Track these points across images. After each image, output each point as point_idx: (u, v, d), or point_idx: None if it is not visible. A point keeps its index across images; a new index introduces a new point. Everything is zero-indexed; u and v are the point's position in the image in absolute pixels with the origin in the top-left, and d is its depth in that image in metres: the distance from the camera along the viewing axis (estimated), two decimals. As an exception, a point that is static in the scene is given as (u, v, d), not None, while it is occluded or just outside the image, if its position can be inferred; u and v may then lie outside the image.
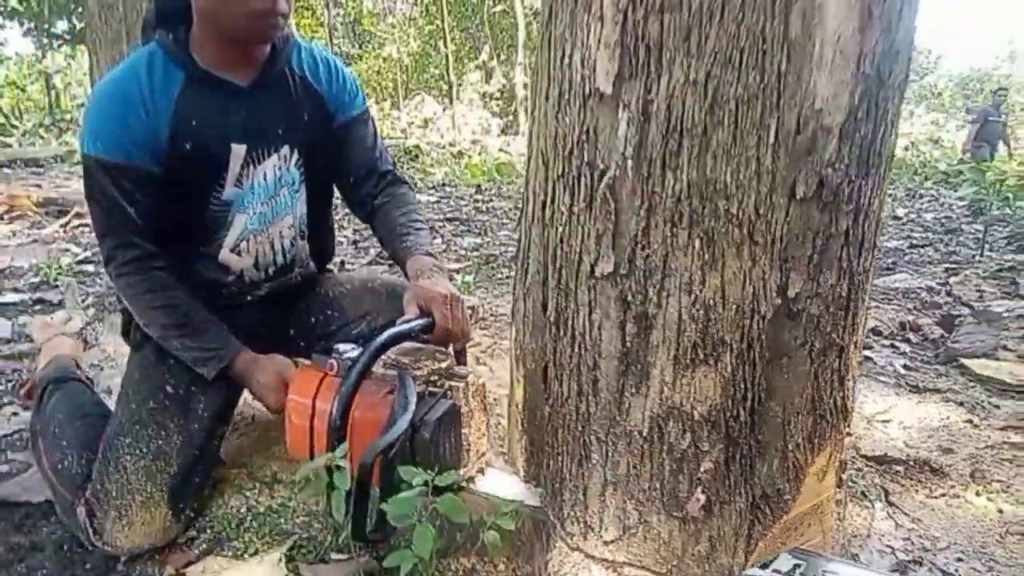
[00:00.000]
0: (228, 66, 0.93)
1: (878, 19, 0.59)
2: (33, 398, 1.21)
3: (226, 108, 0.94)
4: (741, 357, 0.65)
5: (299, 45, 1.03)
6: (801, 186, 0.61)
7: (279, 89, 0.99)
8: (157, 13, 0.94)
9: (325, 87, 1.04)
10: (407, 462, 0.64)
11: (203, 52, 0.92)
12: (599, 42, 0.61)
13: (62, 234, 3.76)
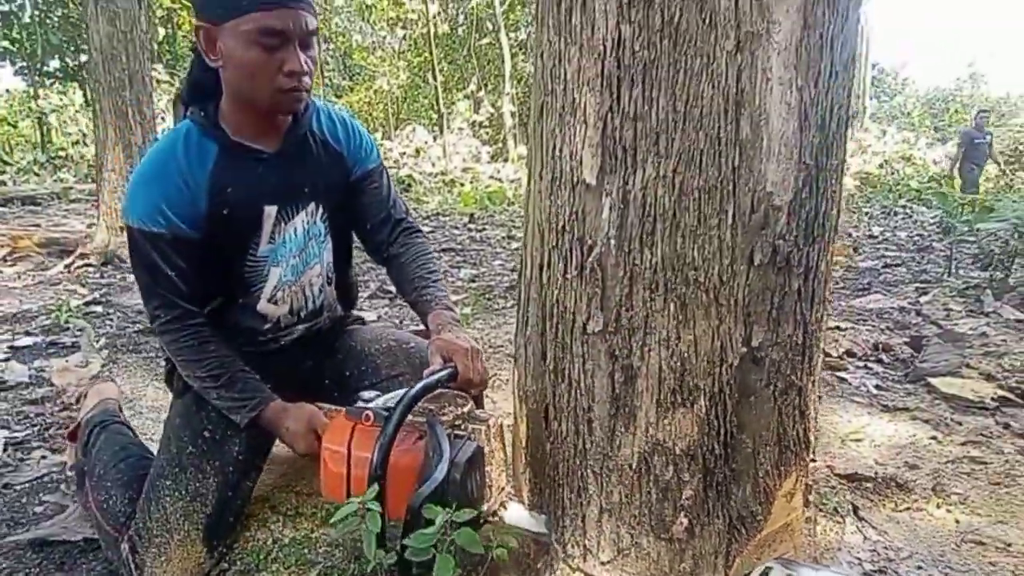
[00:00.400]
0: (256, 135, 1.04)
1: (813, 120, 0.72)
2: (78, 440, 1.30)
3: (257, 174, 1.05)
4: (714, 399, 0.76)
5: (318, 108, 1.15)
6: (758, 255, 0.74)
7: (303, 151, 1.10)
8: (189, 91, 1.06)
9: (344, 145, 1.16)
10: (439, 501, 0.74)
11: (233, 124, 1.03)
12: (583, 142, 0.74)
13: (67, 275, 3.86)
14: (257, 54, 0.93)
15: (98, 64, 4.18)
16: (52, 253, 4.45)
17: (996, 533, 1.17)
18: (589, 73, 0.72)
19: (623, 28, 0.69)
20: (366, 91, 20.74)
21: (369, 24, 22.18)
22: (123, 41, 4.15)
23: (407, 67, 19.52)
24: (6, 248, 4.37)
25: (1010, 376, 2.05)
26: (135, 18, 4.23)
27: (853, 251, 4.57)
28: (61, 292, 3.37)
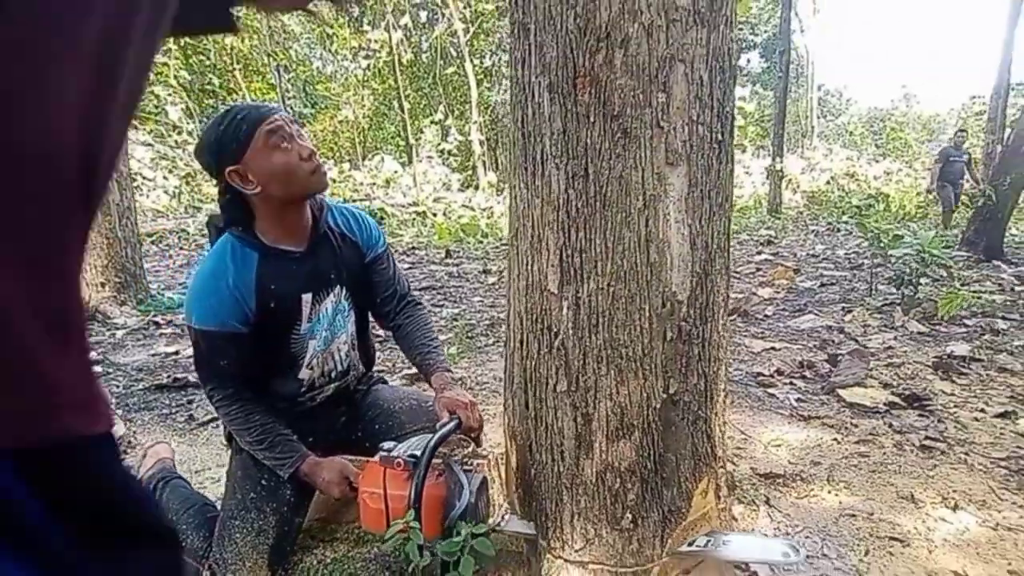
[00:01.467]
0: (287, 239, 1.35)
1: (700, 244, 1.10)
2: None
3: (293, 270, 1.35)
4: (645, 431, 1.12)
5: (331, 207, 1.47)
6: (669, 333, 1.10)
7: (326, 245, 1.41)
8: (227, 220, 1.33)
9: (358, 235, 1.48)
10: (463, 519, 1.08)
11: (268, 234, 1.33)
12: (547, 263, 1.10)
13: None
14: (279, 155, 1.21)
15: None
16: None
17: (866, 508, 1.57)
18: (549, 218, 1.09)
19: (570, 192, 1.06)
20: (330, 120, 20.85)
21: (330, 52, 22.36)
22: None
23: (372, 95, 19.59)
24: None
25: (902, 383, 2.50)
26: None
27: (795, 273, 5.06)
28: None
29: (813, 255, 6.41)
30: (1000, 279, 4.88)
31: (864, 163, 16.80)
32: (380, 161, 14.28)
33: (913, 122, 23.48)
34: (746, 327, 3.50)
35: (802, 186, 15.21)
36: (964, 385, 2.50)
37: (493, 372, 2.71)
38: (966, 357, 2.80)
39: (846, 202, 11.26)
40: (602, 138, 1.01)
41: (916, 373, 2.64)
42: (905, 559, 1.38)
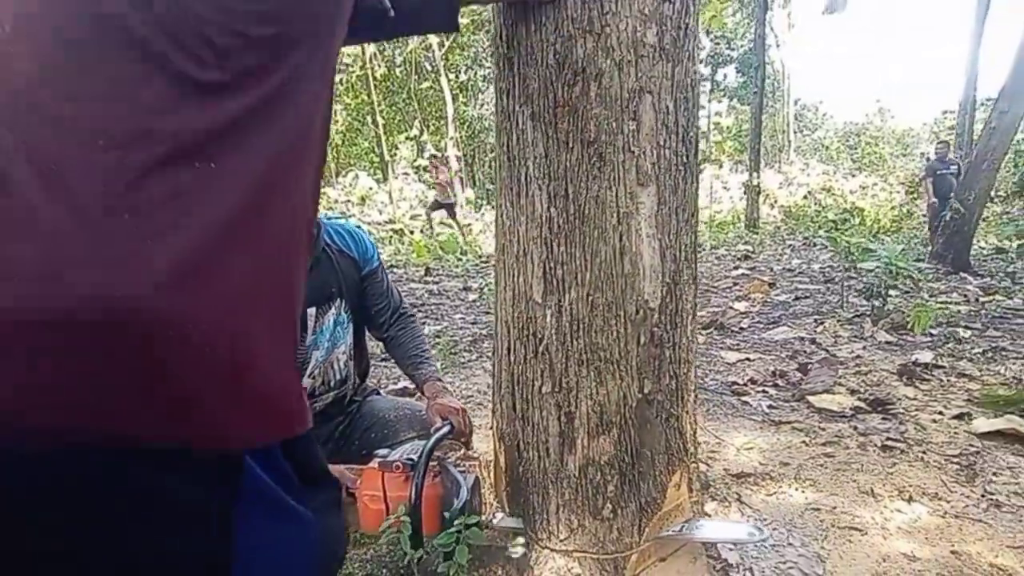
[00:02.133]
0: None
1: (669, 256, 1.21)
2: None
3: None
4: (623, 428, 1.23)
5: (324, 225, 1.56)
6: (643, 338, 1.21)
7: (325, 262, 1.51)
8: None
9: (353, 250, 1.57)
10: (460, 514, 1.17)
11: None
12: (532, 275, 1.21)
13: None
14: None
15: None
16: None
17: (829, 502, 1.68)
18: (532, 233, 1.20)
19: (551, 210, 1.17)
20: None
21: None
22: None
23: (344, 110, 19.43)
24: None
25: (869, 389, 2.64)
26: None
27: (770, 287, 5.24)
28: None
29: (789, 269, 6.62)
30: (966, 290, 5.11)
31: (840, 177, 17.29)
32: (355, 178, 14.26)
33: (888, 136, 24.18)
34: (722, 339, 3.64)
35: (780, 200, 15.61)
36: (926, 390, 2.65)
37: (477, 386, 2.80)
38: (929, 364, 2.96)
39: (822, 216, 11.59)
40: (580, 162, 1.12)
41: (882, 380, 2.78)
42: (862, 545, 1.49)
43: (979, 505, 1.69)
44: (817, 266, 6.73)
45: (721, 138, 23.13)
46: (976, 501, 1.71)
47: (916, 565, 1.41)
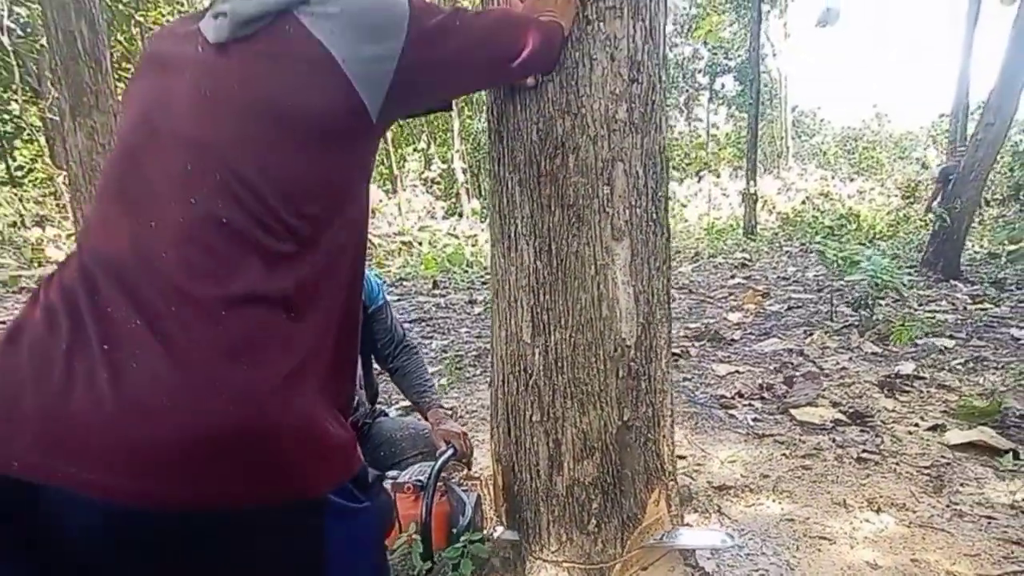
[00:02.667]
0: None
1: (643, 300, 1.37)
2: None
3: None
4: (605, 452, 1.38)
5: None
6: (621, 372, 1.37)
7: None
8: None
9: (363, 295, 1.75)
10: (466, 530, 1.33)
11: None
12: (522, 319, 1.37)
13: None
14: None
15: (78, 176, 4.51)
16: None
17: (803, 514, 1.83)
18: (522, 283, 1.36)
19: (537, 263, 1.33)
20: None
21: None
22: (102, 153, 4.47)
23: None
24: None
25: (851, 401, 2.78)
26: (111, 129, 4.56)
27: (763, 297, 5.38)
28: None
29: (784, 278, 6.75)
30: (955, 298, 5.23)
31: (838, 182, 17.40)
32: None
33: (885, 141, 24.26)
34: (714, 351, 3.79)
35: (778, 206, 15.73)
36: (905, 402, 2.80)
37: (481, 401, 2.96)
38: (910, 376, 3.10)
39: (819, 223, 11.70)
40: (561, 222, 1.29)
41: (864, 392, 2.92)
42: (830, 554, 1.64)
43: (943, 515, 1.83)
44: (812, 274, 6.85)
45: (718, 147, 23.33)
46: (941, 511, 1.85)
47: (877, 573, 1.56)
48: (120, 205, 0.70)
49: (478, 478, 1.48)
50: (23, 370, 0.63)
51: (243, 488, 0.64)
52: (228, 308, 0.65)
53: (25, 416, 0.61)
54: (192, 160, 0.67)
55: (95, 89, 4.40)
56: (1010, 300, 5.01)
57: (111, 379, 0.61)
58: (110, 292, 0.65)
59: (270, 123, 0.69)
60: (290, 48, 0.70)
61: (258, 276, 0.67)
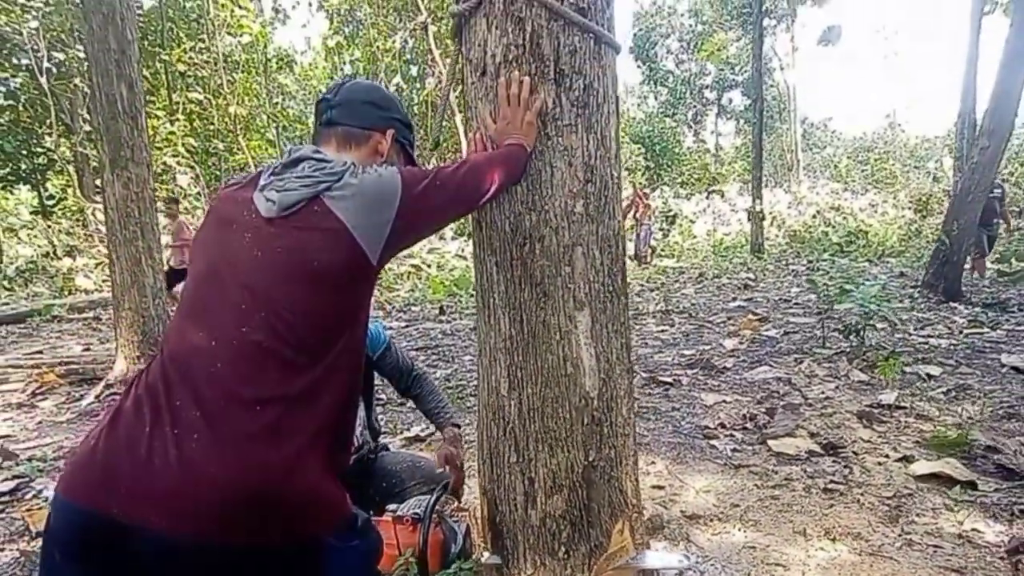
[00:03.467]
0: None
1: (603, 358, 1.61)
2: None
3: None
4: (573, 489, 1.61)
5: None
6: (586, 420, 1.61)
7: None
8: None
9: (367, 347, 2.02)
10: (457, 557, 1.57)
11: None
12: (499, 376, 1.61)
13: (100, 405, 4.32)
14: None
15: (114, 221, 4.89)
16: (73, 382, 4.95)
17: (765, 542, 2.03)
18: (499, 345, 1.61)
19: (512, 329, 1.58)
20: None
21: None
22: (135, 201, 4.89)
23: None
24: (34, 383, 4.86)
25: (829, 431, 2.96)
26: (145, 180, 4.99)
27: (760, 323, 5.55)
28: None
29: (785, 300, 6.89)
30: (952, 322, 5.34)
31: (849, 195, 17.40)
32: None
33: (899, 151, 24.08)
34: (705, 380, 3.98)
35: (788, 221, 15.80)
36: (881, 432, 2.97)
37: (483, 430, 3.20)
38: (891, 405, 3.27)
39: (827, 239, 11.77)
40: (530, 296, 1.54)
41: (843, 422, 3.10)
42: (782, 579, 1.84)
43: (894, 544, 2.01)
44: (813, 295, 6.98)
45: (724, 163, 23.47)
46: (893, 540, 2.04)
47: (819, 595, 1.76)
48: (192, 323, 0.98)
49: (467, 510, 1.72)
50: (120, 445, 0.91)
51: (263, 532, 0.92)
52: (261, 405, 0.92)
53: (122, 477, 0.89)
54: (246, 301, 0.96)
55: (131, 144, 4.79)
56: (1008, 323, 5.11)
57: (177, 454, 0.88)
58: (179, 389, 0.93)
59: (303, 277, 0.97)
60: (318, 223, 0.99)
61: (282, 381, 0.94)
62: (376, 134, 1.20)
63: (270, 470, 0.91)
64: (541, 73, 1.48)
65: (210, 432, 0.90)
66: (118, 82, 4.77)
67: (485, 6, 1.51)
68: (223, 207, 1.08)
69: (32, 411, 4.30)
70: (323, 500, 0.98)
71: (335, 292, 1.00)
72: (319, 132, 1.19)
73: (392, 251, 1.08)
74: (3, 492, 2.80)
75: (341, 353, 1.01)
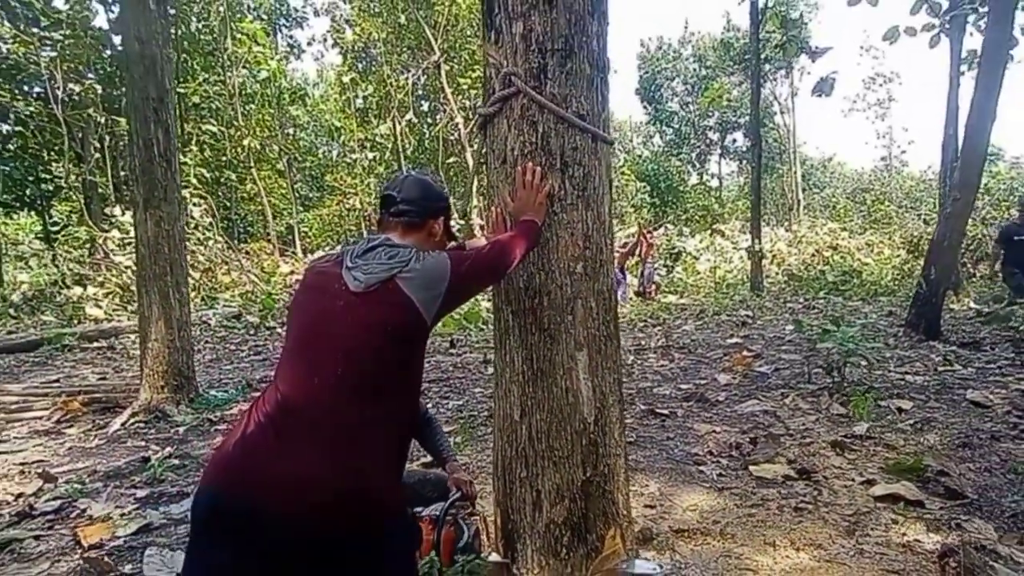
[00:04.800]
0: None
1: (599, 392, 1.97)
2: None
3: None
4: (574, 500, 1.95)
5: None
6: (584, 442, 1.96)
7: None
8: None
9: None
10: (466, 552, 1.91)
11: None
12: (512, 404, 1.97)
13: (127, 431, 4.61)
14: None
15: (145, 257, 5.24)
16: (96, 410, 5.20)
17: (739, 551, 2.35)
18: (514, 379, 1.97)
19: (524, 366, 1.94)
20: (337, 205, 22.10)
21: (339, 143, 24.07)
22: (166, 238, 5.25)
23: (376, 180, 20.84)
24: (59, 410, 5.12)
25: (804, 459, 3.28)
26: (175, 217, 5.38)
27: (754, 359, 5.87)
28: (132, 449, 4.15)
29: (780, 337, 7.21)
30: (929, 360, 5.67)
31: (847, 235, 17.83)
32: (387, 243, 15.37)
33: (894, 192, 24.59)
34: (699, 412, 4.31)
35: (789, 259, 16.21)
36: (851, 459, 3.29)
37: (490, 458, 3.53)
38: (862, 436, 3.59)
39: (824, 279, 12.14)
40: (539, 340, 1.91)
41: (818, 450, 3.42)
42: (750, 581, 2.16)
43: (849, 552, 2.33)
44: (807, 333, 7.31)
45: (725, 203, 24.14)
46: (848, 549, 2.35)
47: (780, 593, 2.07)
48: (298, 364, 1.35)
49: (478, 514, 2.05)
50: (251, 448, 1.28)
51: (351, 518, 1.27)
52: (351, 425, 1.29)
53: (254, 470, 1.25)
54: (341, 353, 1.33)
55: (164, 184, 5.20)
56: (979, 361, 5.44)
57: (293, 463, 1.24)
58: (291, 416, 1.29)
59: (383, 337, 1.34)
60: (392, 298, 1.37)
61: (366, 409, 1.31)
62: (431, 221, 1.60)
63: (360, 479, 1.27)
64: (550, 164, 1.88)
65: (315, 449, 1.26)
66: (155, 128, 5.20)
67: (506, 111, 1.92)
68: (315, 279, 1.46)
69: (59, 437, 4.55)
70: (390, 496, 1.35)
71: (402, 344, 1.37)
72: (386, 220, 1.58)
73: (442, 314, 1.45)
74: (48, 511, 3.11)
75: (406, 388, 1.39)
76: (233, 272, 13.88)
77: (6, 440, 4.50)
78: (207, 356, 8.03)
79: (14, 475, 3.67)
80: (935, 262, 6.39)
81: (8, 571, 2.49)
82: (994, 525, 2.50)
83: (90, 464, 3.89)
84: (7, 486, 3.47)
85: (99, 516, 2.99)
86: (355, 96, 20.93)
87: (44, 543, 2.75)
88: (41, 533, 2.85)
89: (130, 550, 2.64)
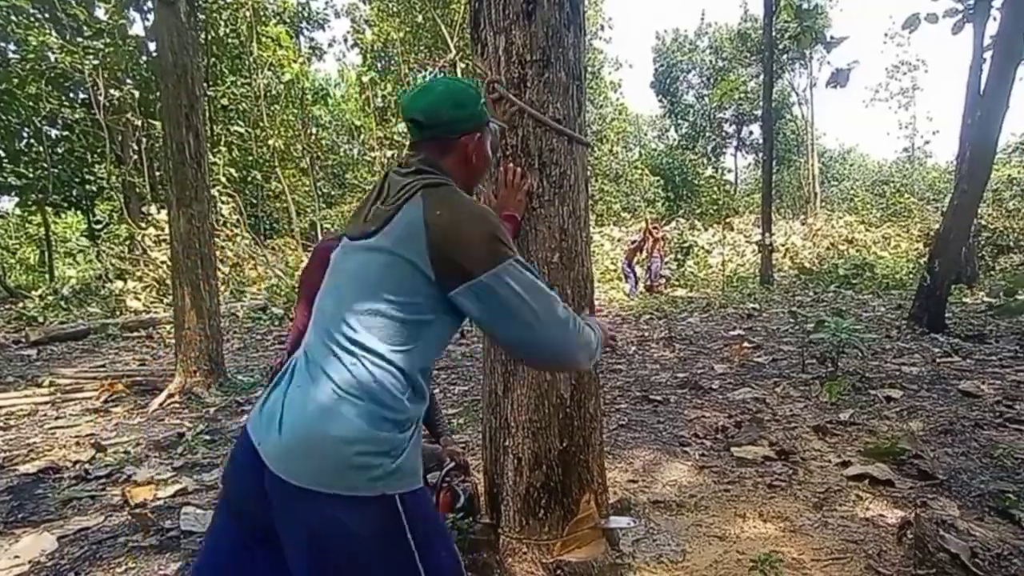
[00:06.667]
0: None
1: (570, 393, 2.19)
2: None
3: None
4: (551, 467, 2.17)
5: None
6: (560, 415, 2.17)
7: None
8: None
9: None
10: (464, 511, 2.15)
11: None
12: (497, 382, 2.20)
13: (164, 411, 5.01)
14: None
15: (178, 252, 5.63)
16: (137, 392, 5.68)
17: (710, 521, 2.55)
18: (497, 359, 2.20)
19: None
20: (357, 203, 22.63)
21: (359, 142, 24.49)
22: (197, 234, 5.61)
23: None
24: (106, 391, 5.60)
25: (785, 442, 3.45)
26: (205, 215, 5.74)
27: (753, 350, 6.02)
28: (169, 426, 4.55)
29: (782, 329, 7.33)
30: (929, 351, 5.75)
31: (864, 228, 17.68)
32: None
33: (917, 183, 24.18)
34: (692, 398, 4.49)
35: (803, 252, 16.15)
36: (831, 443, 3.45)
37: (492, 436, 3.76)
38: (845, 421, 3.74)
39: (835, 272, 12.13)
40: (519, 322, 2.13)
41: (801, 434, 3.59)
42: (715, 546, 2.36)
43: (814, 525, 2.51)
44: (809, 325, 7.41)
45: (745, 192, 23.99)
46: (813, 522, 2.53)
47: (740, 556, 2.27)
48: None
49: (472, 481, 2.29)
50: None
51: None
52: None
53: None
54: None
55: (195, 184, 5.55)
56: (980, 354, 5.51)
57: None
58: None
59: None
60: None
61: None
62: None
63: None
64: (529, 164, 2.09)
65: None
66: (187, 132, 5.56)
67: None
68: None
69: (107, 415, 4.98)
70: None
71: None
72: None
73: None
74: (100, 475, 3.46)
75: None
76: (259, 267, 14.38)
77: (63, 416, 5.00)
78: (235, 345, 8.45)
79: (71, 445, 4.11)
80: (940, 255, 6.45)
81: (72, 521, 2.86)
82: (959, 503, 2.65)
83: (134, 437, 4.28)
84: (66, 454, 3.91)
85: (143, 480, 3.36)
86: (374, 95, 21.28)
87: (98, 501, 3.13)
88: (95, 493, 3.23)
89: (169, 509, 2.95)
